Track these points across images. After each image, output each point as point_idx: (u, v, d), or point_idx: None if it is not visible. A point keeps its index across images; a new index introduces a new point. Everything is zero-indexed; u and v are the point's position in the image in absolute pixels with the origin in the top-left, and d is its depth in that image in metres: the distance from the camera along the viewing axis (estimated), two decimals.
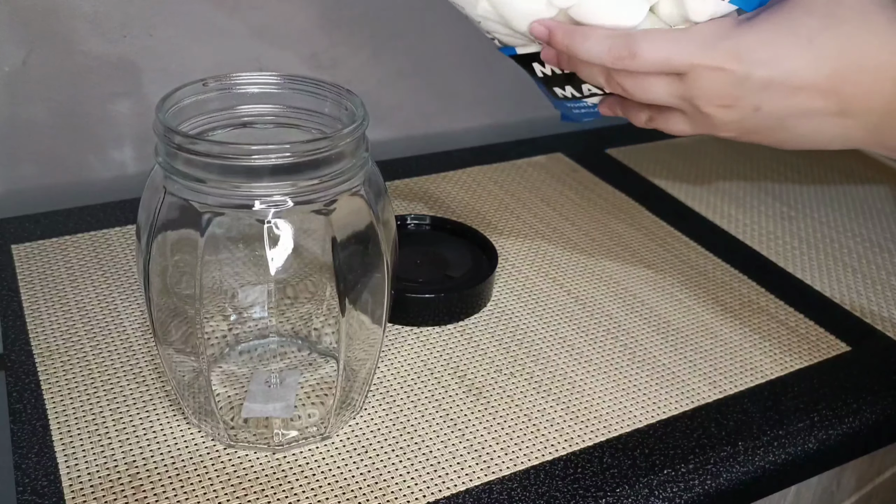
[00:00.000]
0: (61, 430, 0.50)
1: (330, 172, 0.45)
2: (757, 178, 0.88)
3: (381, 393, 0.54)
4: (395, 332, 0.60)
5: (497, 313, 0.63)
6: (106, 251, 0.67)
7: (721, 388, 0.57)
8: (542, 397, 0.55)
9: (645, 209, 0.79)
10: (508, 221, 0.75)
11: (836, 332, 0.64)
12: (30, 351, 0.56)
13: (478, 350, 0.59)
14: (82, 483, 0.46)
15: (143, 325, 0.59)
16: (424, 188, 0.80)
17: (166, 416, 0.51)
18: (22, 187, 0.74)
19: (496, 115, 0.96)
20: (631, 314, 0.64)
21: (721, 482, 0.51)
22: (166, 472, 0.48)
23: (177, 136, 0.44)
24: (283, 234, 0.45)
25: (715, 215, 0.79)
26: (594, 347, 0.60)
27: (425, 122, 0.92)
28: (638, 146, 0.92)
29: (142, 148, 0.78)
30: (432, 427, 0.52)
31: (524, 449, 0.51)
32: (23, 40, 0.69)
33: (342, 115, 0.49)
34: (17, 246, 0.66)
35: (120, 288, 0.63)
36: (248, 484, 0.47)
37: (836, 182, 0.88)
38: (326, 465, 0.49)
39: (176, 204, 0.45)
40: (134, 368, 0.55)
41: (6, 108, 0.71)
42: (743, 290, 0.68)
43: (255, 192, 0.44)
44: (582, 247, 0.72)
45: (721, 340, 0.62)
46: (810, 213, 0.81)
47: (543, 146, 0.90)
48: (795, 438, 0.54)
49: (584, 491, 0.49)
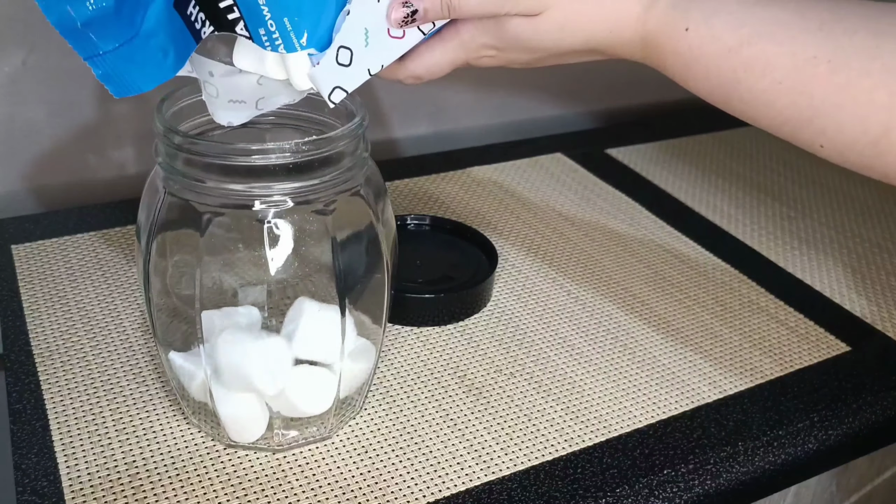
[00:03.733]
0: (61, 430, 0.50)
1: (330, 172, 0.45)
2: (757, 178, 0.88)
3: (381, 393, 0.54)
4: (395, 332, 0.60)
5: (497, 313, 0.63)
6: (106, 251, 0.67)
7: (721, 388, 0.57)
8: (542, 397, 0.55)
9: (645, 209, 0.79)
10: (508, 221, 0.75)
11: (836, 332, 0.64)
12: (30, 351, 0.56)
13: (478, 350, 0.59)
14: (82, 483, 0.46)
15: (143, 325, 0.59)
16: (424, 188, 0.80)
17: (166, 416, 0.51)
18: (22, 187, 0.74)
19: (496, 115, 0.96)
20: (631, 314, 0.64)
21: (721, 482, 0.51)
22: (166, 472, 0.48)
23: (177, 136, 0.44)
24: (283, 234, 0.45)
25: (715, 215, 0.79)
26: (594, 347, 0.60)
27: (425, 122, 0.92)
28: (638, 146, 0.92)
29: (142, 148, 0.78)
30: (432, 427, 0.52)
31: (524, 449, 0.51)
32: (23, 40, 0.69)
33: (342, 115, 0.49)
34: (17, 246, 0.66)
35: (120, 288, 0.63)
36: (248, 484, 0.47)
37: (836, 182, 0.88)
38: (326, 465, 0.49)
39: (176, 204, 0.45)
40: (134, 368, 0.55)
41: (6, 108, 0.71)
42: (743, 290, 0.68)
43: (255, 192, 0.44)
44: (582, 247, 0.72)
45: (721, 340, 0.62)
46: (810, 213, 0.81)
47: (543, 146, 0.90)
48: (795, 438, 0.54)
49: (584, 491, 0.49)
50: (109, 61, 0.42)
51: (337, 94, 0.44)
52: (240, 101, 0.46)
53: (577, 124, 1.01)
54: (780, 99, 0.41)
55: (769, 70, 0.41)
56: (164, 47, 0.42)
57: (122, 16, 0.42)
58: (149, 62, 0.42)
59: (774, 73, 0.41)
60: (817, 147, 0.42)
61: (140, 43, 0.42)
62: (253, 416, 0.48)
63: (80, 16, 0.42)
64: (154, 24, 0.42)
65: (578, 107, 1.01)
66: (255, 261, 0.46)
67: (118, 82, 0.42)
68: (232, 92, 0.45)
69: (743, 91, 0.42)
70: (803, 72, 0.40)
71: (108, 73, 0.42)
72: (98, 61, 0.42)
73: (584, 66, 0.98)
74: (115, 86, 0.42)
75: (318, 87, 0.44)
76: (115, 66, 0.42)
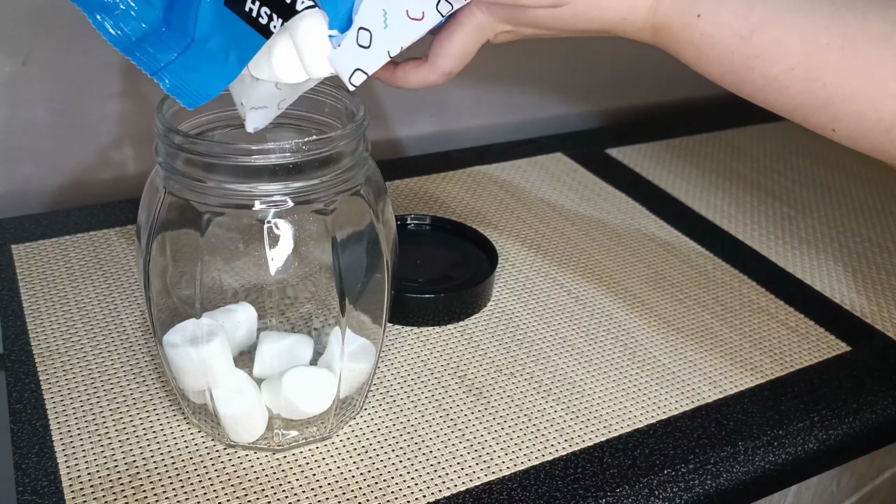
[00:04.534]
0: (61, 430, 0.50)
1: (330, 172, 0.45)
2: (757, 178, 0.88)
3: (381, 393, 0.54)
4: (395, 332, 0.60)
5: (497, 313, 0.63)
6: (106, 251, 0.67)
7: (721, 388, 0.57)
8: (542, 397, 0.55)
9: (645, 209, 0.79)
10: (508, 221, 0.75)
11: (836, 332, 0.64)
12: (30, 351, 0.56)
13: (478, 350, 0.59)
14: (82, 483, 0.46)
15: (143, 325, 0.59)
16: (424, 188, 0.80)
17: (166, 416, 0.51)
18: (22, 187, 0.74)
19: (496, 115, 0.96)
20: (631, 314, 0.64)
21: (721, 482, 0.51)
22: (166, 472, 0.48)
23: (177, 136, 0.44)
24: (283, 234, 0.45)
25: (715, 215, 0.79)
26: (594, 347, 0.60)
27: (426, 122, 0.92)
28: (638, 146, 0.92)
29: (142, 148, 0.78)
30: (432, 427, 0.52)
31: (524, 449, 0.51)
32: (23, 40, 0.69)
33: (342, 115, 0.49)
34: (17, 246, 0.66)
35: (120, 288, 0.63)
36: (248, 484, 0.47)
37: (836, 182, 0.88)
38: (326, 465, 0.49)
39: (176, 204, 0.45)
40: (134, 368, 0.55)
41: (6, 108, 0.71)
42: (743, 290, 0.68)
43: (255, 192, 0.44)
44: (582, 247, 0.72)
45: (721, 340, 0.62)
46: (810, 213, 0.81)
47: (543, 146, 0.90)
48: (795, 438, 0.54)
49: (584, 491, 0.49)
50: (173, 72, 0.42)
51: (357, 76, 0.44)
52: (262, 108, 0.46)
53: (577, 124, 1.01)
54: (792, 86, 0.41)
55: (781, 57, 0.40)
56: (223, 48, 0.42)
57: (172, 25, 0.42)
58: (211, 66, 0.42)
59: (787, 61, 0.40)
60: (829, 131, 0.42)
61: (197, 48, 0.42)
62: (253, 416, 0.48)
63: (134, 32, 0.42)
64: (207, 26, 0.42)
65: (578, 107, 1.01)
66: (255, 261, 0.46)
67: (186, 92, 0.42)
68: (253, 100, 0.45)
69: (756, 77, 0.42)
70: (816, 59, 0.40)
71: (175, 85, 0.42)
72: (162, 74, 0.42)
73: (586, 66, 0.99)
74: (185, 97, 0.42)
75: (339, 70, 0.43)
76: (180, 76, 0.42)
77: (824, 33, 0.40)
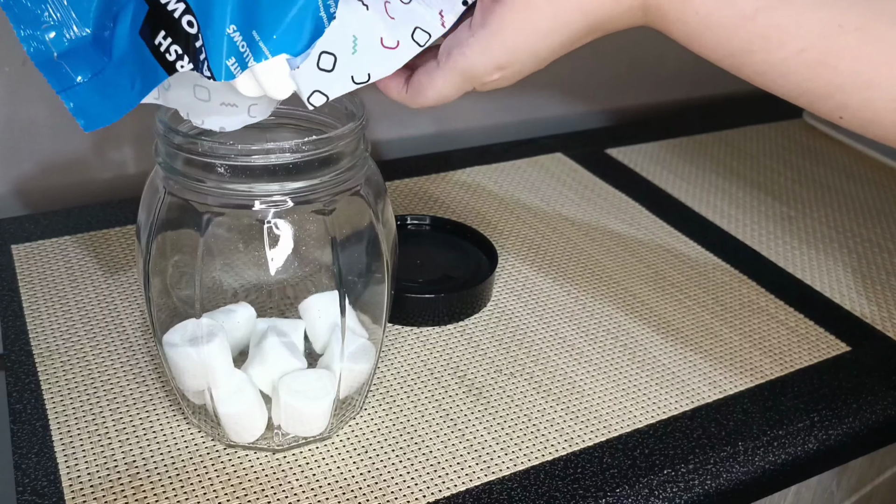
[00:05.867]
0: (61, 430, 0.50)
1: (330, 172, 0.45)
2: (757, 178, 0.88)
3: (381, 393, 0.54)
4: (395, 332, 0.60)
5: (497, 313, 0.63)
6: (106, 251, 0.67)
7: (721, 388, 0.57)
8: (542, 397, 0.55)
9: (645, 209, 0.79)
10: (508, 221, 0.75)
11: (836, 332, 0.64)
12: (30, 351, 0.56)
13: (478, 350, 0.59)
14: (82, 483, 0.46)
15: (143, 325, 0.59)
16: (424, 188, 0.80)
17: (166, 416, 0.51)
18: (22, 187, 0.74)
19: (496, 115, 0.96)
20: (631, 314, 0.64)
21: (721, 482, 0.51)
22: (166, 472, 0.48)
23: (177, 136, 0.44)
24: (283, 234, 0.45)
25: (715, 215, 0.79)
26: (594, 347, 0.60)
27: (426, 122, 0.92)
28: (638, 146, 0.92)
29: (142, 148, 0.78)
30: (432, 427, 0.52)
31: (524, 449, 0.51)
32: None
33: (342, 115, 0.49)
34: (17, 246, 0.66)
35: (120, 288, 0.63)
36: (248, 484, 0.47)
37: (836, 182, 0.88)
38: (326, 465, 0.49)
39: (176, 204, 0.45)
40: (134, 368, 0.55)
41: (6, 108, 0.71)
42: (743, 290, 0.68)
43: (255, 192, 0.44)
44: (582, 247, 0.72)
45: (721, 340, 0.62)
46: (810, 213, 0.81)
47: (543, 146, 0.90)
48: (795, 438, 0.54)
49: (584, 491, 0.49)
50: (79, 94, 0.41)
51: (317, 97, 0.43)
52: (232, 105, 0.45)
53: (577, 124, 1.01)
54: (799, 70, 0.37)
55: (789, 39, 0.37)
56: (132, 75, 0.40)
57: (100, 43, 0.41)
58: (117, 92, 0.41)
59: (795, 42, 0.36)
60: (836, 118, 0.38)
61: (112, 72, 0.41)
62: (253, 416, 0.48)
63: (58, 47, 0.41)
64: (121, 52, 0.41)
65: (578, 107, 1.01)
66: (255, 261, 0.46)
67: (88, 115, 0.41)
68: (225, 94, 0.45)
69: (758, 61, 0.38)
70: (829, 41, 0.36)
71: (79, 106, 0.41)
72: (70, 94, 0.41)
73: (586, 66, 0.99)
74: (85, 119, 0.41)
75: (299, 88, 0.43)
76: (86, 99, 0.41)
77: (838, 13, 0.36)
